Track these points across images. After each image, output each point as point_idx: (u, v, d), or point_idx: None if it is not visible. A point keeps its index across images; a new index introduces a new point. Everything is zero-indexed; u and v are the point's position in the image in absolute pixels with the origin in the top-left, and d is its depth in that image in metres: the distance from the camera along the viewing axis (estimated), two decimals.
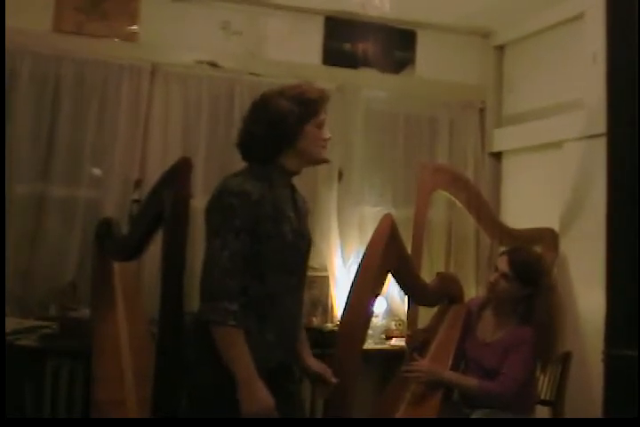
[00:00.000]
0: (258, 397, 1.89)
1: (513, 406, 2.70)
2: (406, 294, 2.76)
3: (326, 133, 2.10)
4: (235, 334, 1.90)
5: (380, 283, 2.42)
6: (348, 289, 2.34)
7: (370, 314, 2.44)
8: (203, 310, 1.91)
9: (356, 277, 2.34)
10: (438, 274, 2.97)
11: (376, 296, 2.42)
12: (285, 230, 2.04)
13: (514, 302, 2.79)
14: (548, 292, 2.76)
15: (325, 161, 2.16)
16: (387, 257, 2.35)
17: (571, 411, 3.18)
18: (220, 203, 1.96)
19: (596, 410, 1.69)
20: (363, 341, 2.38)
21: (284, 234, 2.03)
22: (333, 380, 2.14)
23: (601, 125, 1.80)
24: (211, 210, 1.99)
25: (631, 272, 1.72)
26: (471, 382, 2.70)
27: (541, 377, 3.11)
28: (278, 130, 2.02)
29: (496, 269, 2.83)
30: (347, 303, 2.31)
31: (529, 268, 2.78)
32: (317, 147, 2.09)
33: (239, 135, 2.10)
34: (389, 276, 2.47)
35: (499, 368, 2.68)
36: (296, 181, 2.16)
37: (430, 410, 2.54)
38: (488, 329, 2.84)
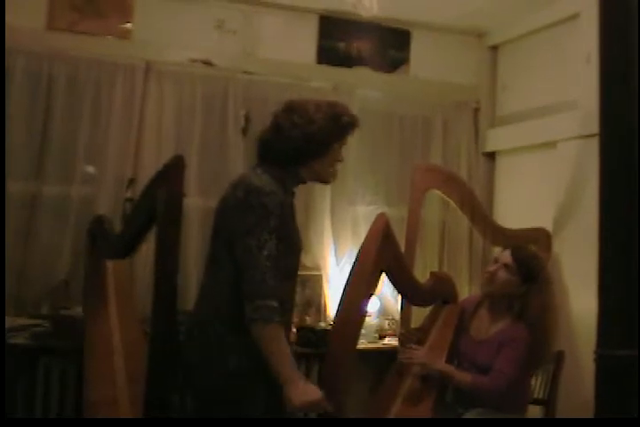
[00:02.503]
0: (308, 390, 1.89)
1: (506, 406, 2.71)
2: (400, 293, 2.75)
3: (342, 155, 2.14)
4: (279, 329, 1.89)
5: (374, 282, 2.42)
6: (342, 288, 2.34)
7: (364, 313, 2.44)
8: (248, 309, 1.88)
9: (349, 276, 2.34)
10: (432, 274, 2.96)
11: (370, 295, 2.42)
12: (295, 234, 2.06)
13: (509, 298, 2.80)
14: (544, 289, 2.77)
15: (328, 183, 2.22)
16: (381, 256, 2.35)
17: (563, 410, 3.19)
18: (252, 202, 1.93)
19: (588, 409, 1.69)
20: (356, 340, 2.38)
21: (294, 237, 2.06)
22: None
23: (595, 126, 1.81)
24: (239, 209, 1.95)
25: (623, 272, 1.72)
26: (466, 376, 2.69)
27: (534, 376, 3.12)
28: (310, 143, 2.03)
29: (496, 261, 2.84)
30: (340, 302, 2.31)
31: (531, 264, 2.80)
32: (331, 168, 2.14)
33: (267, 133, 2.09)
34: (383, 275, 2.47)
35: (492, 364, 2.69)
36: None
37: (424, 409, 2.54)
38: (482, 327, 2.85)
